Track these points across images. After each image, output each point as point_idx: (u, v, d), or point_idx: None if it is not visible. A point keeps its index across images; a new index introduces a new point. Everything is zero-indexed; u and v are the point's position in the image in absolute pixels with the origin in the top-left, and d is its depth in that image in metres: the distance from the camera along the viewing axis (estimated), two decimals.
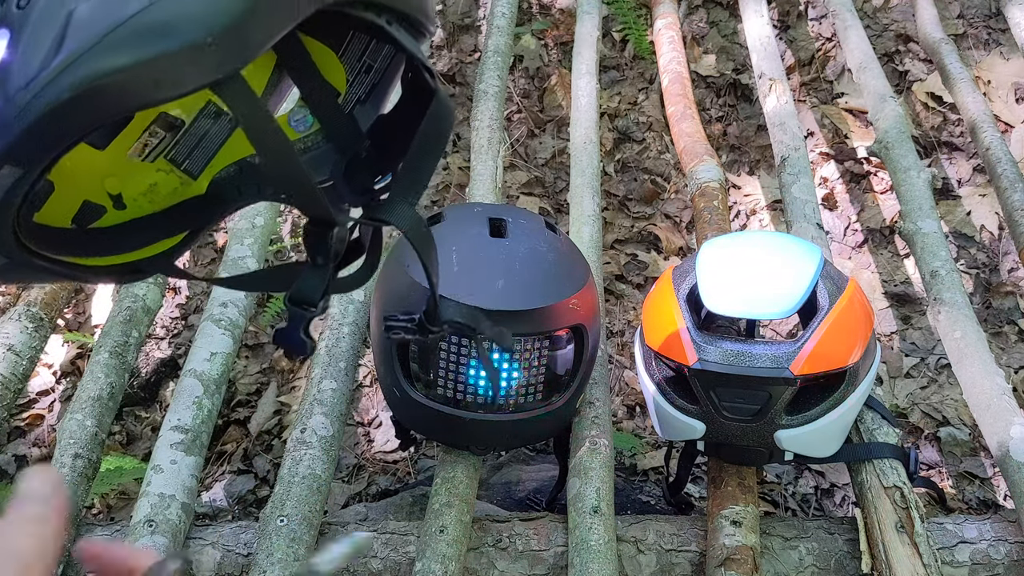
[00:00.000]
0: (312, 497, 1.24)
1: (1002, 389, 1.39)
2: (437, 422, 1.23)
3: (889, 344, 2.23)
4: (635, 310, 2.32)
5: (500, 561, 1.26)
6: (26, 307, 1.49)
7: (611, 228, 2.49)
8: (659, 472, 1.94)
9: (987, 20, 2.68)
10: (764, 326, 2.17)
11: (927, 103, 2.56)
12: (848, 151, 2.56)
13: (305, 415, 1.34)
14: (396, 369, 1.21)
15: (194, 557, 1.20)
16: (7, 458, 2.04)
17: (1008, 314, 2.25)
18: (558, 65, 2.76)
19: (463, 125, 2.66)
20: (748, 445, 1.22)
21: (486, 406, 1.20)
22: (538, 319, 1.17)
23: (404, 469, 2.05)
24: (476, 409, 1.21)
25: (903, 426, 2.04)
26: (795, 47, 2.75)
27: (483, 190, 1.73)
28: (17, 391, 1.43)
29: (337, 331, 1.46)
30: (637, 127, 2.67)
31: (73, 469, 1.28)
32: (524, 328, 1.16)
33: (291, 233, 2.46)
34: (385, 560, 1.26)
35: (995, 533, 1.28)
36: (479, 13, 2.86)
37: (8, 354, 1.42)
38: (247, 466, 2.06)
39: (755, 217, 2.51)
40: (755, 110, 2.65)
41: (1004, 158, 1.89)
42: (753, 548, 1.20)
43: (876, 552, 1.20)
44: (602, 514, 1.23)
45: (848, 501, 1.96)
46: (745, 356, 1.15)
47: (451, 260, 1.17)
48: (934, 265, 1.64)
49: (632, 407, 2.15)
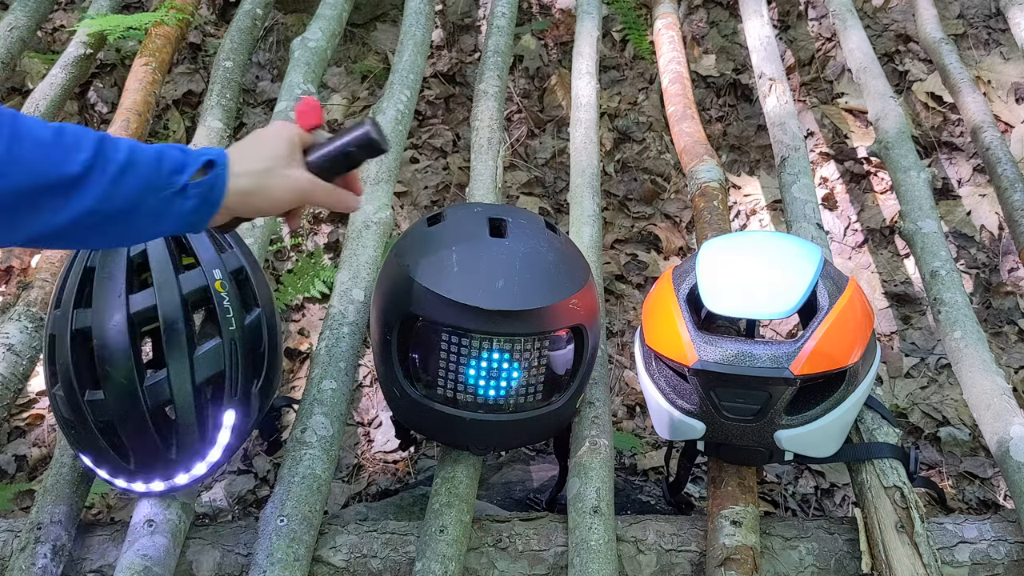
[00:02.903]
0: (312, 497, 1.24)
1: (1002, 389, 1.39)
2: (437, 422, 1.23)
3: (889, 344, 2.23)
4: (635, 310, 2.32)
5: (500, 561, 1.26)
6: (26, 307, 1.49)
7: (611, 228, 2.49)
8: (659, 472, 1.94)
9: (987, 20, 2.68)
10: (764, 326, 2.17)
11: (927, 103, 2.56)
12: (848, 151, 2.56)
13: (305, 415, 1.34)
14: (396, 369, 1.21)
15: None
16: (7, 458, 2.04)
17: (1008, 314, 2.25)
18: (558, 65, 2.75)
19: (463, 125, 2.66)
20: (748, 445, 1.22)
21: (486, 406, 1.20)
22: (538, 319, 1.17)
23: (404, 469, 2.05)
24: (476, 409, 1.21)
25: (903, 426, 2.04)
26: (795, 47, 2.75)
27: (483, 190, 1.73)
28: (17, 391, 1.42)
29: (337, 331, 1.46)
30: (637, 127, 2.67)
31: (73, 469, 1.28)
32: (524, 328, 1.16)
33: (291, 233, 2.46)
34: (385, 560, 1.26)
35: (995, 533, 1.28)
36: (479, 13, 2.86)
37: (8, 354, 1.42)
38: (247, 466, 2.06)
39: (755, 217, 2.51)
40: (755, 110, 2.65)
41: (1004, 158, 1.89)
42: (753, 548, 1.20)
43: (876, 552, 1.20)
44: (602, 514, 1.23)
45: (848, 501, 1.96)
46: (745, 356, 1.15)
47: (451, 260, 1.17)
48: (934, 265, 1.64)
49: (632, 407, 2.15)
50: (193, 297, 1.16)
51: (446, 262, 1.16)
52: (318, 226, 2.50)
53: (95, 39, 2.13)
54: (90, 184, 0.82)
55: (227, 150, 0.93)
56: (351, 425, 2.12)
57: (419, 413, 1.24)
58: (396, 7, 2.74)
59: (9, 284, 2.32)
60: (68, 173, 0.80)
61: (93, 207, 0.82)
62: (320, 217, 2.52)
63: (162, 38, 2.08)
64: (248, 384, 1.20)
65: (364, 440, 2.11)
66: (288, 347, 2.25)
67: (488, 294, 1.14)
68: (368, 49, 2.81)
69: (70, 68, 2.04)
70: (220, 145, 1.81)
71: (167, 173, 0.86)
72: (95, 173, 0.82)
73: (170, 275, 1.15)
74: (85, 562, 1.26)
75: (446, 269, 1.15)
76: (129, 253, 1.16)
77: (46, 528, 1.22)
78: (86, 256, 1.18)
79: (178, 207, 0.87)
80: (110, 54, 2.67)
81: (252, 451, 2.07)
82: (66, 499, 1.26)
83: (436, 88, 2.74)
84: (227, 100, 1.93)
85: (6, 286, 2.32)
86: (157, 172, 0.86)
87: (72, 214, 0.82)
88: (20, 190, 0.79)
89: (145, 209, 0.86)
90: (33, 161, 0.79)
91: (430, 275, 1.15)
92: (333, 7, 2.18)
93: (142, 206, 0.85)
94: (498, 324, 1.14)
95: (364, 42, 2.82)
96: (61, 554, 1.21)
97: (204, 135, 1.81)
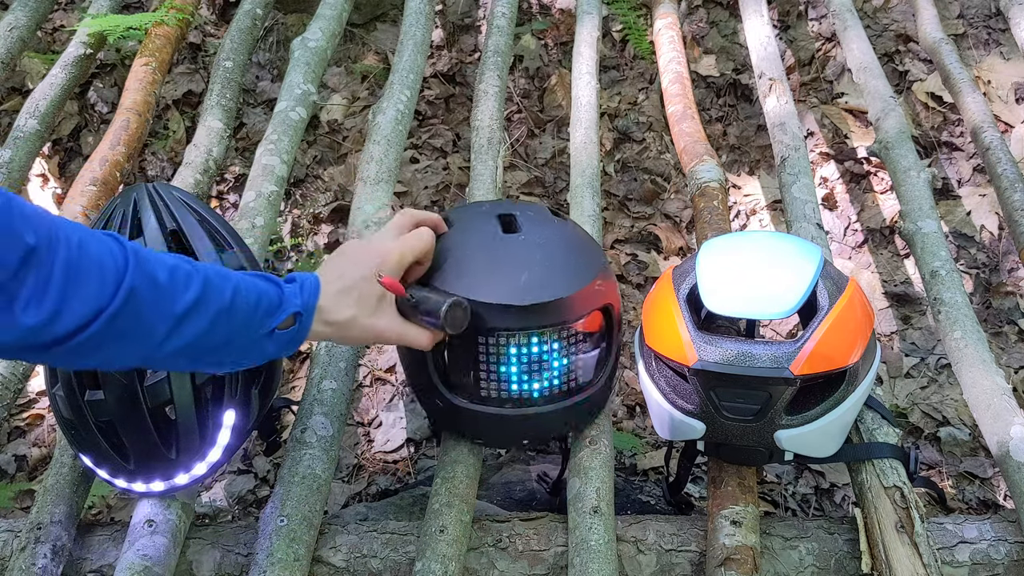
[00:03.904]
0: (312, 497, 1.24)
1: (1002, 389, 1.39)
2: (485, 425, 1.23)
3: (889, 344, 2.23)
4: (635, 310, 2.32)
5: (500, 561, 1.26)
6: None
7: (611, 228, 2.49)
8: (659, 472, 1.94)
9: (987, 20, 2.68)
10: (764, 326, 2.17)
11: (927, 103, 2.56)
12: (848, 151, 2.56)
13: (305, 415, 1.34)
14: (436, 381, 1.21)
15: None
16: (7, 458, 2.04)
17: (1008, 314, 2.25)
18: (558, 65, 2.75)
19: (463, 125, 2.66)
20: (748, 445, 1.22)
21: (532, 400, 1.20)
22: (569, 306, 1.17)
23: (404, 469, 2.05)
24: (523, 405, 1.20)
25: (903, 426, 2.04)
26: (795, 47, 2.75)
27: (483, 190, 1.73)
28: (17, 391, 1.42)
29: None
30: (637, 127, 2.67)
31: (73, 469, 1.28)
32: (557, 317, 1.16)
33: (291, 233, 2.46)
34: (385, 560, 1.26)
35: (995, 533, 1.28)
36: (479, 13, 2.86)
37: None
38: (247, 466, 2.06)
39: (755, 217, 2.51)
40: (755, 110, 2.65)
41: (1004, 158, 1.89)
42: (753, 548, 1.20)
43: (876, 552, 1.20)
44: (602, 514, 1.23)
45: (848, 501, 1.96)
46: (745, 356, 1.14)
47: (472, 263, 1.16)
48: (934, 265, 1.64)
49: (632, 407, 2.15)
50: None
51: (467, 266, 1.16)
52: (318, 226, 2.50)
53: (95, 39, 2.13)
54: (189, 323, 0.84)
55: (321, 284, 0.96)
56: (351, 425, 2.13)
57: (466, 419, 1.23)
58: (396, 7, 2.74)
59: None
60: (174, 313, 0.83)
61: (192, 342, 0.85)
62: (320, 217, 2.52)
63: (162, 38, 2.08)
64: (248, 384, 1.20)
65: (364, 440, 2.12)
66: None
67: (516, 290, 1.13)
68: (368, 49, 2.81)
69: (70, 68, 2.04)
70: (219, 145, 1.80)
71: (261, 316, 0.90)
72: (196, 314, 0.84)
73: None
74: (85, 562, 1.26)
75: (469, 273, 1.15)
76: None
77: (46, 528, 1.22)
78: None
79: (261, 348, 0.92)
80: (110, 54, 2.67)
81: (252, 451, 2.07)
82: (66, 499, 1.26)
83: (436, 88, 2.74)
84: (227, 100, 1.93)
85: None
86: (253, 315, 0.89)
87: (170, 349, 0.84)
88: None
89: (235, 346, 0.90)
90: (148, 303, 0.82)
91: (454, 282, 1.15)
92: (333, 7, 2.18)
93: (233, 343, 0.89)
94: (531, 318, 1.14)
95: (364, 42, 2.82)
96: (61, 554, 1.21)
97: (204, 135, 1.81)
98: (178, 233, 1.18)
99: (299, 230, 2.48)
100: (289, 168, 1.76)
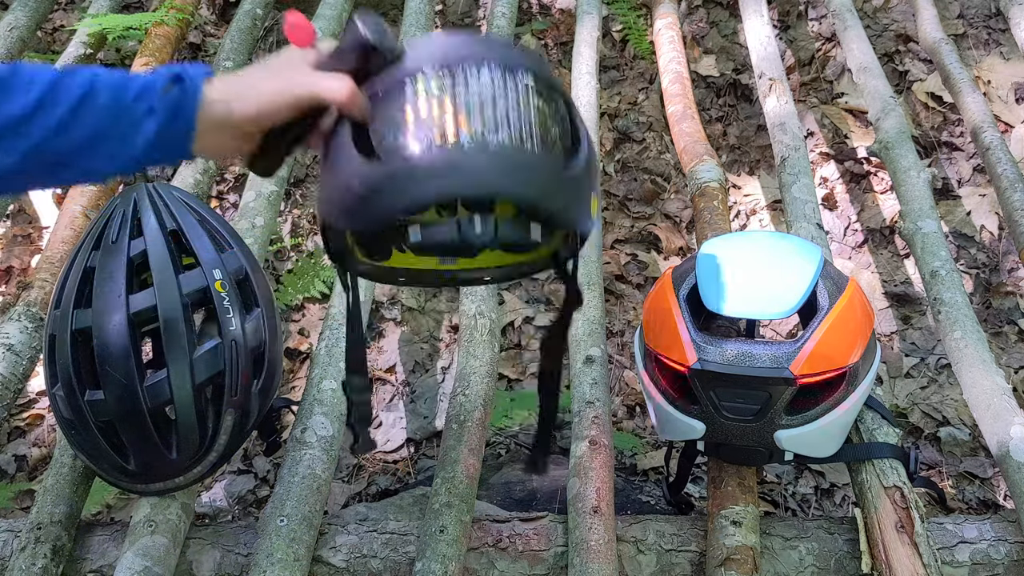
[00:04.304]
0: (312, 497, 1.24)
1: (1002, 389, 1.39)
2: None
3: (889, 344, 2.23)
4: (635, 310, 2.32)
5: (500, 561, 1.26)
6: (26, 307, 1.49)
7: (611, 228, 2.49)
8: (659, 472, 1.94)
9: (987, 20, 2.68)
10: (764, 326, 2.17)
11: (927, 103, 2.56)
12: (848, 151, 2.56)
13: (305, 415, 1.34)
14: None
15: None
16: (7, 458, 2.04)
17: (1008, 314, 2.25)
18: (558, 65, 2.75)
19: None
20: (748, 445, 1.22)
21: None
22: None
23: (404, 469, 2.05)
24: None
25: (903, 426, 2.04)
26: (795, 47, 2.75)
27: None
28: (17, 391, 1.43)
29: (337, 331, 1.46)
30: (637, 127, 2.67)
31: (73, 469, 1.28)
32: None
33: (291, 233, 2.46)
34: (385, 560, 1.26)
35: (995, 533, 1.28)
36: (479, 13, 2.86)
37: (8, 354, 1.42)
38: (247, 466, 2.06)
39: (755, 217, 2.51)
40: (755, 110, 2.65)
41: (1004, 158, 1.89)
42: (753, 548, 1.20)
43: (876, 552, 1.20)
44: (602, 514, 1.23)
45: (848, 501, 1.96)
46: (745, 356, 1.14)
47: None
48: (934, 265, 1.64)
49: (632, 407, 2.15)
50: (193, 297, 1.16)
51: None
52: (318, 226, 2.50)
53: (95, 39, 2.13)
54: (35, 124, 0.79)
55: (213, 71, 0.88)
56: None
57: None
58: (396, 7, 2.74)
59: (9, 284, 2.32)
60: (10, 115, 0.78)
61: (39, 145, 0.79)
62: None
63: (162, 38, 2.08)
64: (248, 384, 1.20)
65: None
66: (288, 347, 2.25)
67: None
68: None
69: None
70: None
71: (135, 94, 0.82)
72: (43, 112, 0.79)
73: (170, 275, 1.15)
74: (85, 562, 1.27)
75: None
76: (129, 253, 1.16)
77: (46, 528, 1.22)
78: (86, 256, 1.18)
79: (141, 129, 0.83)
80: (110, 54, 2.67)
81: (252, 451, 2.07)
82: (66, 499, 1.26)
83: None
84: None
85: (6, 286, 2.32)
86: (121, 95, 0.82)
87: (15, 155, 0.79)
88: None
89: (108, 137, 0.82)
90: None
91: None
92: (333, 7, 2.18)
93: (105, 134, 0.82)
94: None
95: None
96: (61, 554, 1.21)
97: None
98: (178, 233, 1.19)
99: (299, 230, 2.48)
100: (289, 168, 1.76)
